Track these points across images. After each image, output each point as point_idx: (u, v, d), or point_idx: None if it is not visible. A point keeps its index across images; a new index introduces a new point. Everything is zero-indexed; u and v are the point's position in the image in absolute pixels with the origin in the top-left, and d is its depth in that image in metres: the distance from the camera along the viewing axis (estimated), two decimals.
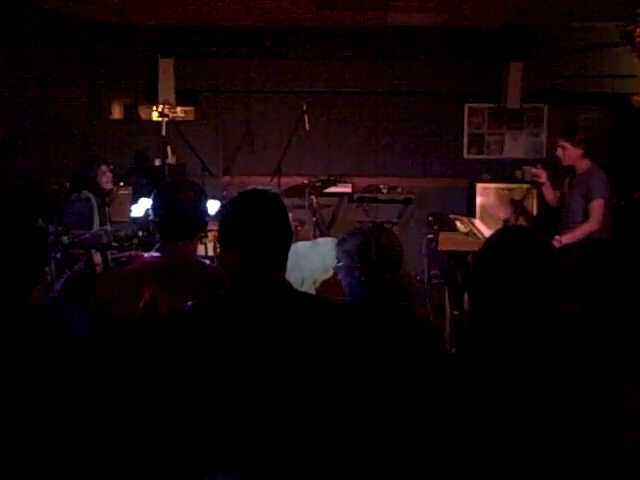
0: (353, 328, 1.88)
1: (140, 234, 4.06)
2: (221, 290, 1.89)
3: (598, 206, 4.71)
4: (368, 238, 2.59)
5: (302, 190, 5.94)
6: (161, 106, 7.03)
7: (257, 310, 1.77)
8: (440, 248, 4.97)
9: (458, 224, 5.44)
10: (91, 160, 5.40)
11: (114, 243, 4.00)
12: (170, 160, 6.63)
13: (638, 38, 5.51)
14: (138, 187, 6.03)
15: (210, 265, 2.50)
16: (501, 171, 7.38)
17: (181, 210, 2.40)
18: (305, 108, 6.09)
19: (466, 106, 7.53)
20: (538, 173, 5.20)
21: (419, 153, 7.46)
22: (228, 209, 1.94)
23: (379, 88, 7.35)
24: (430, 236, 5.38)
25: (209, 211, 2.57)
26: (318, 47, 7.22)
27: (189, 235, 2.43)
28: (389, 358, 2.26)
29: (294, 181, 6.05)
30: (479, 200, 7.10)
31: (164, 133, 6.46)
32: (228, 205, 1.97)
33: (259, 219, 1.85)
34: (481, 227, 5.39)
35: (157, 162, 6.80)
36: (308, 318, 1.80)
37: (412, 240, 5.58)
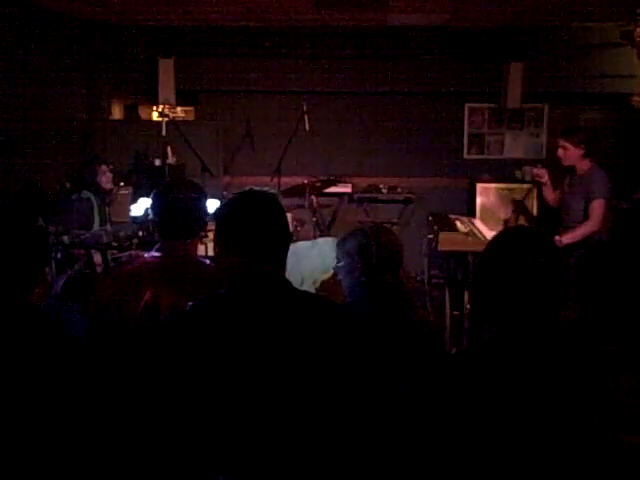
0: (354, 327, 1.88)
1: (140, 234, 4.06)
2: (221, 289, 1.89)
3: (598, 206, 4.70)
4: (368, 238, 2.59)
5: (302, 190, 5.93)
6: (161, 106, 7.03)
7: (258, 309, 1.77)
8: (440, 248, 4.97)
9: (458, 224, 5.44)
10: (91, 160, 5.41)
11: (114, 243, 4.00)
12: (170, 160, 6.62)
13: (638, 38, 5.51)
14: (138, 187, 6.01)
15: (210, 264, 2.49)
16: (501, 171, 7.38)
17: (180, 208, 2.40)
18: (305, 108, 6.08)
19: (466, 106, 7.53)
20: (540, 173, 5.19)
21: (419, 153, 7.46)
22: (225, 210, 1.94)
23: (379, 88, 7.35)
24: (430, 236, 5.38)
25: (209, 210, 2.57)
26: (318, 47, 7.23)
27: (189, 234, 2.42)
28: (390, 358, 2.26)
29: (294, 181, 6.05)
30: (479, 200, 7.10)
31: (164, 133, 6.45)
32: (225, 206, 1.96)
33: (257, 219, 1.85)
34: (481, 227, 5.39)
35: (157, 162, 6.79)
36: (309, 317, 1.80)
37: (412, 240, 5.60)
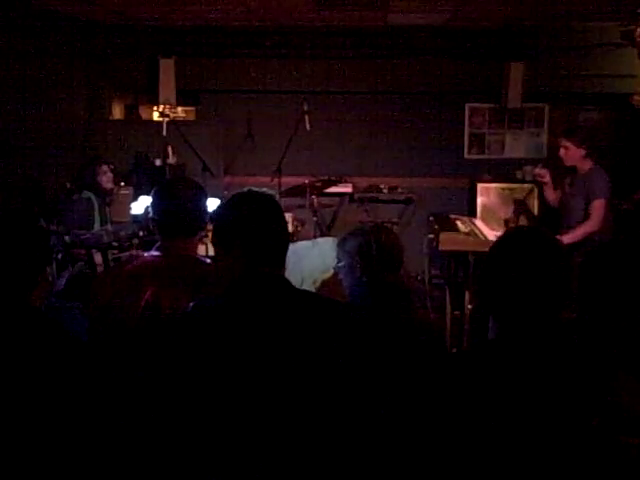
0: (355, 326, 1.88)
1: (141, 234, 4.07)
2: (222, 289, 1.89)
3: (599, 206, 4.70)
4: (369, 238, 2.59)
5: (303, 190, 5.94)
6: (162, 106, 7.03)
7: (259, 310, 1.77)
8: (441, 248, 4.97)
9: (459, 224, 5.45)
10: (92, 160, 5.41)
11: (115, 243, 4.01)
12: (171, 160, 6.62)
13: (639, 38, 5.51)
14: (139, 187, 6.01)
15: (211, 263, 2.49)
16: (502, 171, 7.38)
17: (180, 207, 2.39)
18: (306, 108, 6.08)
19: (467, 106, 7.53)
20: (541, 173, 5.19)
21: (420, 153, 7.45)
22: (223, 211, 1.94)
23: (379, 88, 7.35)
24: (431, 236, 5.39)
25: (209, 210, 2.56)
26: (318, 47, 7.23)
27: (189, 233, 2.41)
28: (390, 357, 2.26)
29: (295, 181, 6.04)
30: (480, 200, 7.10)
31: (165, 133, 6.45)
32: (223, 207, 1.96)
33: (255, 219, 1.85)
34: (482, 227, 5.39)
35: (158, 162, 6.80)
36: (310, 316, 1.80)
37: (413, 240, 5.59)
